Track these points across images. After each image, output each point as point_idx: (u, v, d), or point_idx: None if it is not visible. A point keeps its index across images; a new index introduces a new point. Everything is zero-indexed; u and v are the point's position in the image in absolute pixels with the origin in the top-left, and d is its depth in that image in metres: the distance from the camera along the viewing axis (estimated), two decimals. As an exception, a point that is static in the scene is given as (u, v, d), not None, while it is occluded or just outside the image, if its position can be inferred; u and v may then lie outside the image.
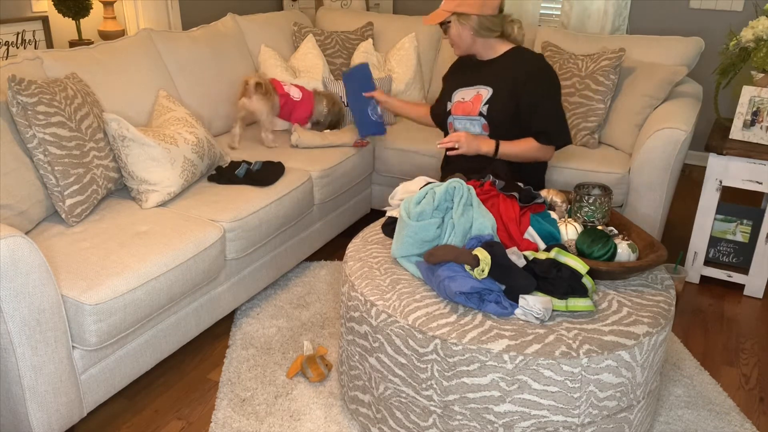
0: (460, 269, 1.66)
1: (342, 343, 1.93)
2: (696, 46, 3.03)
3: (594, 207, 1.98)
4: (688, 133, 2.55)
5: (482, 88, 2.36)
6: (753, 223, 2.73)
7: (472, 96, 2.38)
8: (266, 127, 2.86)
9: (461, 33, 2.31)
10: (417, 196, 1.83)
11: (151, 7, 3.60)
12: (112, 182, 2.23)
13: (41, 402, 1.66)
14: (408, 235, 1.79)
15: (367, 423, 1.84)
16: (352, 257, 1.92)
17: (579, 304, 1.65)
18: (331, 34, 3.53)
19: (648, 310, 1.68)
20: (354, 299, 1.77)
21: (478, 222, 1.80)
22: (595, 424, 1.61)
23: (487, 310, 1.62)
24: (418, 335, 1.59)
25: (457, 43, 2.35)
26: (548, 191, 2.11)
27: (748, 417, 2.01)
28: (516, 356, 1.50)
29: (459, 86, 2.45)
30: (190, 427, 1.92)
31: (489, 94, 2.33)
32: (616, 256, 1.81)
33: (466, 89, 2.41)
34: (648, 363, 1.63)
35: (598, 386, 1.55)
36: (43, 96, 1.97)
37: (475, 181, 2.07)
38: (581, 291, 1.66)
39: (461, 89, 2.43)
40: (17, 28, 3.06)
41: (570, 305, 1.65)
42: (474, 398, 1.56)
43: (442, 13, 2.30)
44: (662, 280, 1.85)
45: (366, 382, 1.79)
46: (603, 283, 1.82)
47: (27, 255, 1.57)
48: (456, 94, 2.44)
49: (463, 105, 2.40)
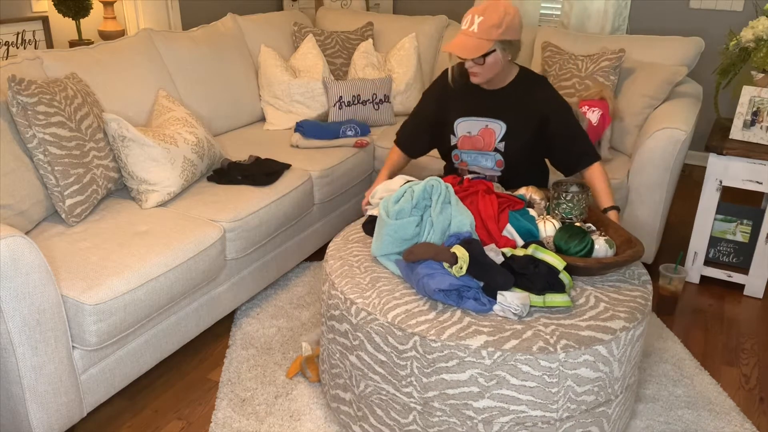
0: (439, 267, 1.67)
1: (323, 342, 1.94)
2: (696, 46, 3.03)
3: (572, 204, 2.00)
4: (688, 133, 2.55)
5: (493, 122, 2.18)
6: (753, 223, 2.73)
7: (480, 130, 2.20)
8: None
9: (500, 61, 2.06)
10: (395, 194, 1.84)
11: (151, 7, 3.61)
12: (112, 182, 2.23)
13: (41, 402, 1.66)
14: (387, 233, 1.80)
15: (348, 421, 1.85)
16: (333, 256, 1.92)
17: (556, 300, 1.66)
18: (331, 34, 3.53)
19: (625, 306, 1.70)
20: (334, 297, 1.77)
21: (457, 219, 1.81)
22: (574, 418, 1.62)
23: (465, 307, 1.64)
24: (397, 332, 1.60)
25: (486, 72, 2.08)
26: (527, 189, 2.13)
27: (748, 417, 2.01)
28: (494, 352, 1.52)
29: (461, 116, 2.23)
30: (190, 427, 1.92)
31: (503, 129, 2.17)
32: (593, 252, 1.83)
33: (471, 120, 2.21)
34: (625, 357, 1.65)
35: (575, 381, 1.57)
36: (43, 96, 1.97)
37: (453, 178, 2.08)
38: (558, 286, 1.68)
39: (464, 120, 2.22)
40: (17, 28, 3.06)
41: (547, 301, 1.66)
42: (453, 394, 1.58)
43: (486, 43, 1.99)
44: (639, 275, 1.87)
45: (347, 380, 1.80)
46: (580, 278, 1.83)
47: (27, 255, 1.57)
48: (458, 125, 2.23)
49: (472, 140, 2.22)
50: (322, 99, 3.22)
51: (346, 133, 2.98)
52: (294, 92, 3.19)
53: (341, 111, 3.20)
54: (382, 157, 3.07)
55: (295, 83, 3.19)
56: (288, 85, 3.19)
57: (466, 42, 2.01)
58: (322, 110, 3.23)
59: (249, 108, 3.21)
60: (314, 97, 3.20)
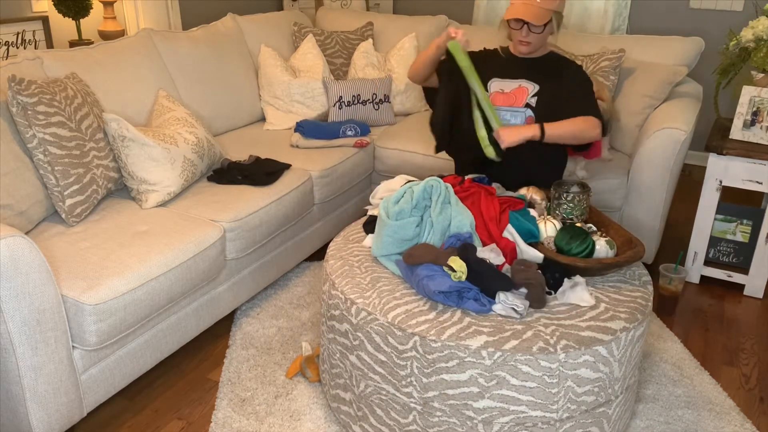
0: (439, 268, 1.68)
1: (323, 342, 1.94)
2: (696, 46, 3.03)
3: (572, 204, 2.00)
4: (688, 133, 2.55)
5: (526, 83, 2.27)
6: (753, 223, 2.73)
7: (513, 88, 2.28)
8: None
9: (550, 32, 2.22)
10: (395, 195, 1.84)
11: (151, 7, 3.61)
12: (112, 182, 2.23)
13: (41, 402, 1.66)
14: (387, 234, 1.80)
15: (348, 421, 1.85)
16: (333, 256, 1.93)
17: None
18: (331, 34, 3.53)
19: (625, 306, 1.70)
20: (334, 297, 1.78)
21: (457, 220, 1.81)
22: (574, 419, 1.62)
23: (466, 307, 1.64)
24: (397, 332, 1.60)
25: (538, 42, 2.22)
26: (528, 189, 2.13)
27: (748, 417, 2.01)
28: (494, 352, 1.52)
29: (494, 76, 2.32)
30: (190, 427, 1.92)
31: (535, 89, 2.26)
32: (594, 252, 1.83)
33: (505, 81, 2.30)
34: (626, 358, 1.65)
35: (575, 381, 1.57)
36: (43, 96, 1.97)
37: (453, 178, 2.08)
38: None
39: (498, 80, 2.31)
40: (17, 28, 3.06)
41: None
42: (453, 394, 1.58)
43: (547, 12, 2.15)
44: (640, 276, 1.87)
45: (347, 380, 1.80)
46: (581, 279, 1.83)
47: (27, 255, 1.57)
48: (492, 84, 2.32)
49: (504, 96, 2.29)
50: (322, 99, 3.22)
51: (346, 133, 2.98)
52: (294, 92, 3.19)
53: (341, 111, 3.20)
54: (382, 157, 3.07)
55: (295, 83, 3.19)
56: (288, 85, 3.19)
57: (532, 10, 2.13)
58: (322, 110, 3.23)
59: (249, 108, 3.21)
60: (314, 97, 3.20)
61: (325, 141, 2.92)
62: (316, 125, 2.97)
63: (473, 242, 1.81)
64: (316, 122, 3.02)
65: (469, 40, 2.17)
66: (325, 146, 2.91)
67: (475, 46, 2.79)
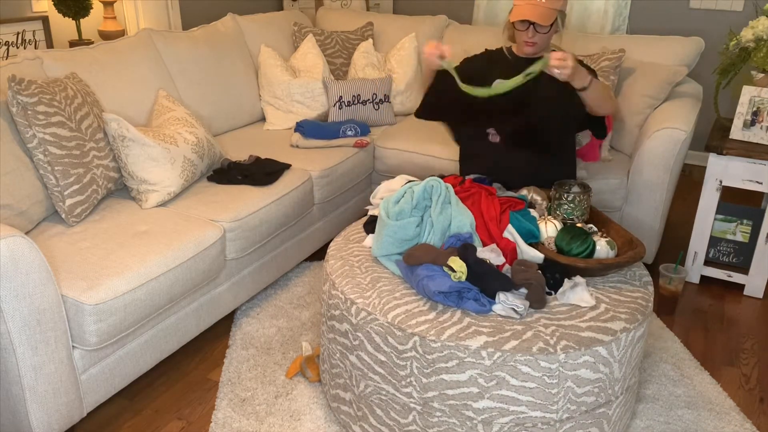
0: (439, 269, 1.67)
1: (323, 342, 1.94)
2: (696, 46, 3.03)
3: (573, 205, 2.00)
4: (688, 133, 2.55)
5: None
6: (753, 223, 2.73)
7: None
8: None
9: (555, 32, 2.24)
10: (395, 195, 1.84)
11: (151, 7, 3.60)
12: (112, 182, 2.23)
13: (41, 402, 1.66)
14: (387, 234, 1.80)
15: (348, 421, 1.85)
16: (333, 256, 1.93)
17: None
18: (331, 34, 3.53)
19: (626, 306, 1.70)
20: (334, 297, 1.78)
21: (457, 220, 1.81)
22: (574, 419, 1.62)
23: (465, 307, 1.64)
24: (397, 332, 1.60)
25: (543, 42, 2.25)
26: (528, 189, 2.13)
27: (748, 417, 2.01)
28: (494, 352, 1.52)
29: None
30: (190, 427, 1.92)
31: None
32: (594, 253, 1.83)
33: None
34: (626, 359, 1.65)
35: (575, 382, 1.57)
36: (43, 96, 1.97)
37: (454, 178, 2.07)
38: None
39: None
40: (17, 28, 3.06)
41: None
42: (453, 395, 1.58)
43: (553, 12, 2.16)
44: (640, 276, 1.87)
45: (347, 380, 1.80)
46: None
47: (27, 255, 1.57)
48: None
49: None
50: (322, 99, 3.22)
51: (346, 133, 2.98)
52: (294, 92, 3.19)
53: (341, 111, 3.20)
54: (382, 157, 3.07)
55: (295, 83, 3.19)
56: (288, 85, 3.19)
57: (538, 11, 2.14)
58: (322, 110, 3.23)
59: (249, 108, 3.21)
60: (314, 97, 3.20)
61: (325, 141, 2.92)
62: (316, 125, 2.97)
63: (473, 242, 1.81)
64: (316, 122, 3.02)
65: (449, 46, 2.15)
66: (325, 146, 2.91)
67: (476, 46, 2.80)
